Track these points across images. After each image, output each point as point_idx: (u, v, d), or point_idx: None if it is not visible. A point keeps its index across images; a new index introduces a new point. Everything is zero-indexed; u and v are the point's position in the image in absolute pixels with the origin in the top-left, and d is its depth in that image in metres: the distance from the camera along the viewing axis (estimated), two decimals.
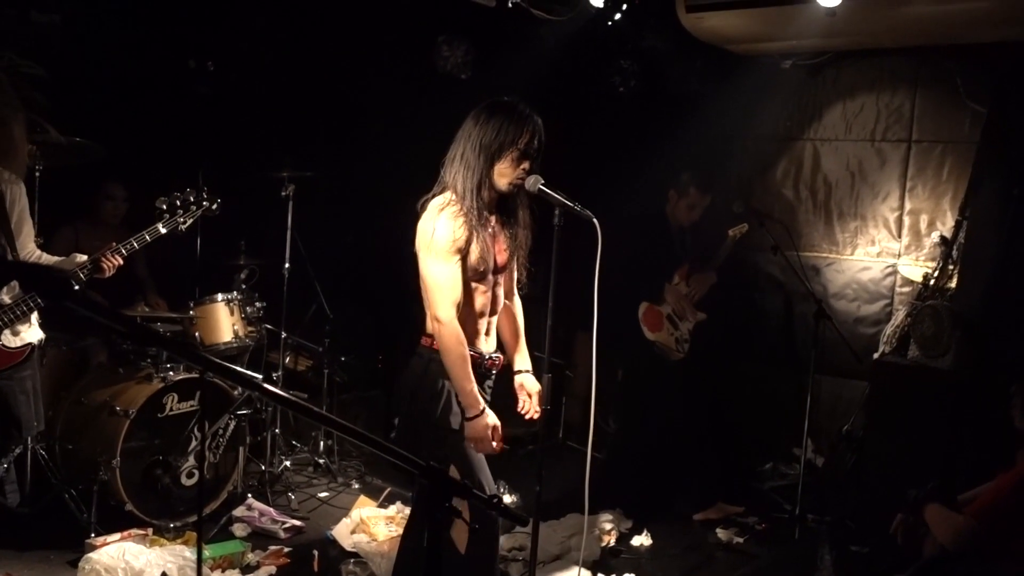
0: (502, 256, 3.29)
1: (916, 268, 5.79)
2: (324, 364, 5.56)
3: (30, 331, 3.81)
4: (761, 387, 6.20)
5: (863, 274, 6.07)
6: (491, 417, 3.16)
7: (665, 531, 4.90)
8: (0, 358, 3.76)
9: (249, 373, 4.83)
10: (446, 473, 1.78)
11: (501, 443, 3.19)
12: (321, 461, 5.44)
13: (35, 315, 3.81)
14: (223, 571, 4.05)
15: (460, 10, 5.38)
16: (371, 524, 4.51)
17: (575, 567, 4.20)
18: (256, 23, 5.41)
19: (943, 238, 5.61)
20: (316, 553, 4.32)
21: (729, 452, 5.59)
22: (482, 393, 3.31)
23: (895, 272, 5.96)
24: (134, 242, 3.94)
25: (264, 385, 1.83)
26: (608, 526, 4.78)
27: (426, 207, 3.19)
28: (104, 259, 3.85)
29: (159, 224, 4.02)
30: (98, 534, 4.10)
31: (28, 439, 4.18)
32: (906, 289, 5.87)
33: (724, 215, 5.47)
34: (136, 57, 5.24)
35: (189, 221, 4.13)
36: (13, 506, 4.32)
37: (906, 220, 5.92)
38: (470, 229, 3.13)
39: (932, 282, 5.50)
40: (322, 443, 5.52)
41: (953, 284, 5.44)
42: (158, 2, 5.24)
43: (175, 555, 3.95)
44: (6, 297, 3.69)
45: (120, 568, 3.75)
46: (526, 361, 3.52)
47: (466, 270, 3.17)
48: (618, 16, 5.53)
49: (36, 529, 4.17)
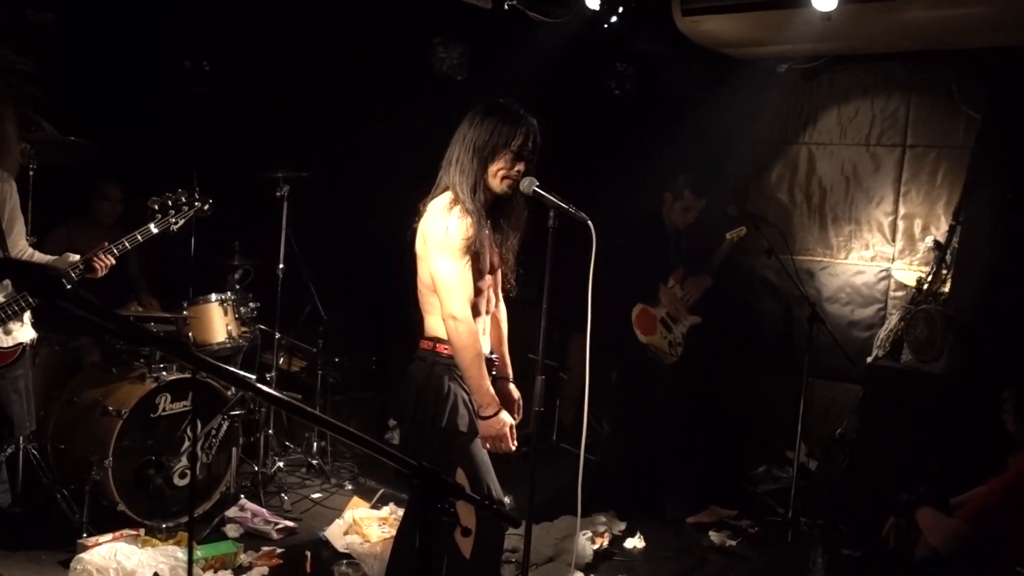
0: (495, 256, 3.28)
1: (910, 272, 5.80)
2: (318, 365, 5.55)
3: (22, 330, 3.80)
4: (755, 390, 6.21)
5: (857, 278, 6.08)
6: (507, 416, 3.16)
7: (658, 534, 4.90)
8: None
9: (242, 373, 4.85)
10: (438, 474, 1.78)
11: (515, 443, 3.19)
12: (314, 462, 5.43)
13: (27, 314, 3.80)
14: (215, 572, 4.04)
15: (456, 12, 5.37)
16: (364, 525, 4.50)
17: (568, 569, 4.20)
18: (252, 23, 5.40)
19: (937, 243, 5.63)
20: (309, 554, 4.31)
21: (722, 455, 5.60)
22: None
23: (889, 276, 5.97)
24: (126, 242, 3.92)
25: (257, 385, 1.82)
26: (601, 528, 4.78)
27: (428, 207, 3.19)
28: (96, 259, 3.84)
29: (151, 224, 4.00)
30: (90, 534, 4.09)
31: (20, 439, 4.17)
32: (900, 293, 5.88)
33: (719, 218, 5.48)
34: (131, 56, 5.24)
35: (181, 222, 4.10)
36: (4, 506, 4.30)
37: (900, 224, 5.94)
38: (476, 228, 3.13)
39: (926, 286, 5.51)
40: (315, 444, 5.51)
41: (946, 289, 5.45)
42: (154, 1, 5.24)
43: (167, 556, 3.93)
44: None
45: (112, 568, 3.73)
46: (507, 368, 3.49)
47: (473, 269, 3.17)
48: (614, 19, 5.53)
49: (27, 529, 4.16)
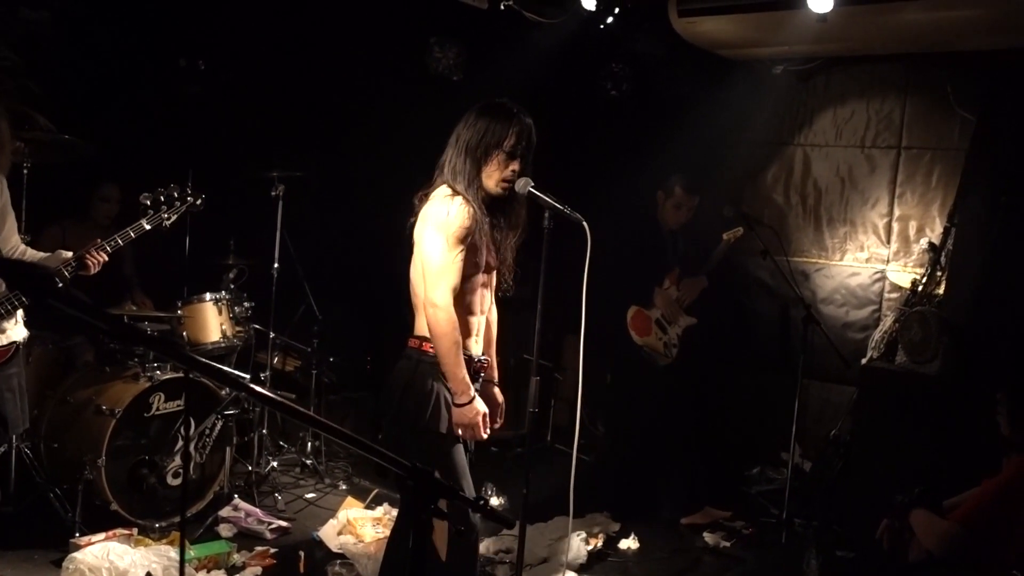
0: (491, 255, 3.28)
1: (904, 274, 5.81)
2: (312, 365, 5.54)
3: (15, 329, 3.78)
4: (749, 391, 6.21)
5: (852, 279, 6.09)
6: (480, 404, 3.15)
7: (652, 535, 4.89)
8: None
9: (235, 372, 4.84)
10: (432, 475, 1.77)
11: (487, 431, 3.18)
12: (308, 462, 5.42)
13: (20, 313, 3.78)
14: (208, 571, 4.03)
15: (452, 12, 5.37)
16: (358, 525, 4.49)
17: (562, 570, 4.19)
18: (248, 22, 5.39)
19: (931, 244, 5.64)
20: (302, 554, 4.30)
21: (717, 456, 5.59)
22: None
23: (884, 278, 5.97)
24: (118, 239, 3.90)
25: (249, 384, 1.81)
26: (595, 529, 4.78)
27: (428, 198, 3.17)
28: (89, 256, 3.82)
29: (143, 220, 3.97)
30: (83, 534, 4.08)
31: (13, 437, 4.15)
32: (894, 295, 5.89)
33: (715, 220, 5.48)
34: (126, 55, 5.22)
35: (174, 217, 4.07)
36: None
37: (895, 226, 5.94)
38: (476, 221, 3.13)
39: (920, 288, 5.52)
40: (309, 444, 5.50)
41: (941, 290, 5.46)
42: (149, 0, 5.22)
43: (160, 555, 3.92)
44: None
45: (104, 568, 3.72)
46: (493, 371, 3.47)
47: (465, 264, 3.16)
48: (610, 19, 5.54)
49: (20, 528, 4.14)
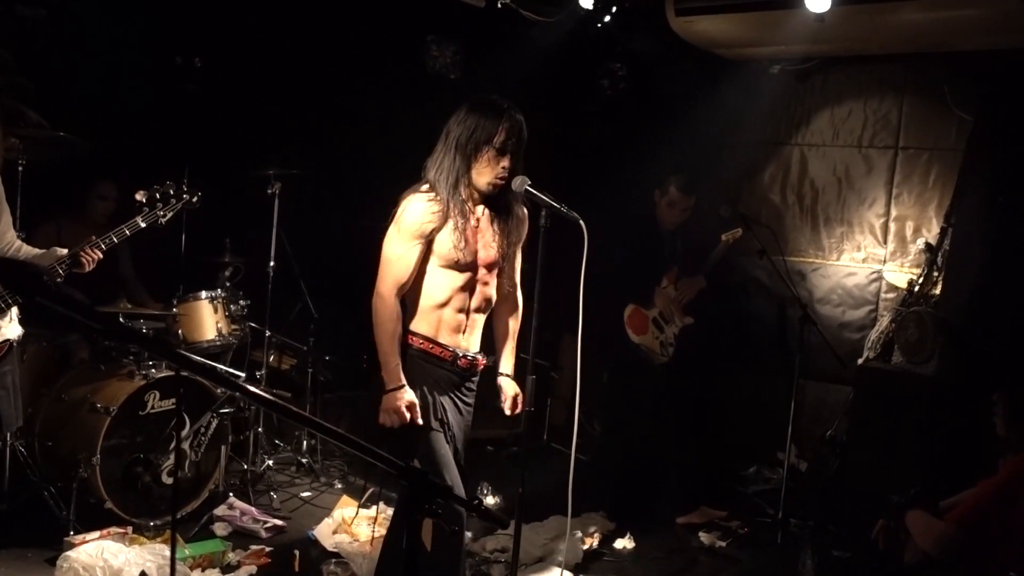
0: (488, 251, 3.27)
1: (901, 274, 5.81)
2: (308, 363, 5.54)
3: (10, 327, 3.76)
4: (745, 391, 6.21)
5: (848, 279, 6.09)
6: (408, 395, 3.16)
7: (648, 534, 4.89)
8: None
9: (228, 370, 4.83)
10: (426, 474, 1.77)
11: (408, 422, 3.16)
12: (304, 460, 5.41)
13: (15, 311, 3.76)
14: (203, 570, 4.02)
15: (449, 10, 5.36)
16: (353, 524, 4.48)
17: (557, 570, 4.19)
18: (244, 20, 5.38)
19: (928, 245, 5.64)
20: (297, 553, 4.29)
21: (713, 456, 5.59)
22: (460, 396, 3.31)
23: (880, 278, 5.98)
24: (113, 236, 3.87)
25: (240, 383, 1.80)
26: (591, 529, 4.77)
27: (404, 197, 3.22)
28: (84, 253, 3.80)
29: (138, 218, 3.95)
30: (77, 532, 4.06)
31: (7, 435, 4.13)
32: (891, 295, 5.89)
33: (714, 220, 5.48)
34: (123, 52, 5.21)
35: (170, 215, 4.05)
36: None
37: (892, 226, 5.95)
38: (443, 218, 3.14)
39: (917, 288, 5.52)
40: (305, 443, 5.49)
41: (938, 291, 5.46)
42: None
43: (154, 554, 3.91)
44: None
45: (98, 567, 3.71)
46: (508, 364, 3.48)
47: (435, 257, 3.18)
48: (608, 18, 5.53)
49: (14, 527, 4.12)
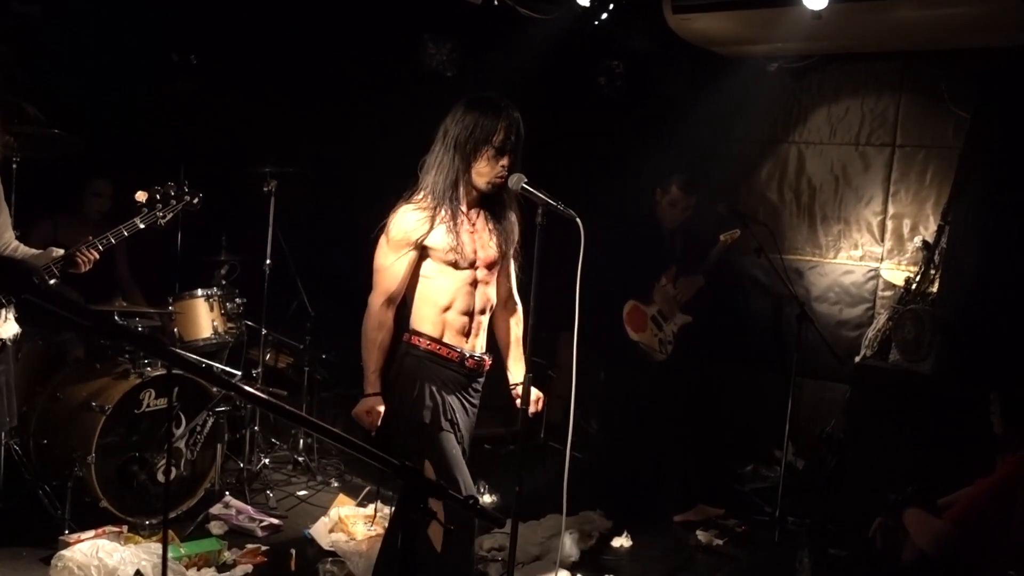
0: (487, 250, 3.26)
1: (898, 272, 5.81)
2: (305, 361, 5.53)
3: (5, 326, 3.74)
4: (742, 389, 6.21)
5: (846, 278, 6.09)
6: (377, 403, 3.23)
7: (645, 532, 4.88)
8: None
9: (222, 368, 4.82)
10: (422, 473, 1.76)
11: (374, 427, 3.25)
12: (300, 459, 5.40)
13: (10, 310, 3.74)
14: (199, 569, 4.01)
15: (446, 7, 5.35)
16: (349, 523, 4.48)
17: (554, 568, 4.18)
18: (240, 18, 5.36)
19: (925, 243, 5.63)
20: (293, 552, 4.28)
21: (710, 454, 5.59)
22: (467, 397, 3.31)
23: (877, 276, 5.97)
24: (110, 237, 3.83)
25: (232, 381, 1.79)
26: (588, 527, 4.77)
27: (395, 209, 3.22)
28: (79, 254, 3.76)
29: (137, 219, 3.90)
30: (72, 531, 4.05)
31: (2, 434, 4.12)
32: (888, 293, 5.88)
33: (713, 219, 5.48)
34: (118, 50, 5.19)
35: (169, 216, 4.00)
36: None
37: (889, 224, 5.94)
38: (432, 223, 3.14)
39: (914, 286, 5.52)
40: (301, 441, 5.48)
41: (935, 289, 5.46)
42: None
43: (150, 553, 3.89)
44: None
45: (93, 565, 3.70)
46: (520, 371, 3.46)
47: (433, 261, 3.18)
48: (604, 16, 5.51)
49: (9, 525, 4.10)
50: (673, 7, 5.37)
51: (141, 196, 3.93)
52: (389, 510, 4.47)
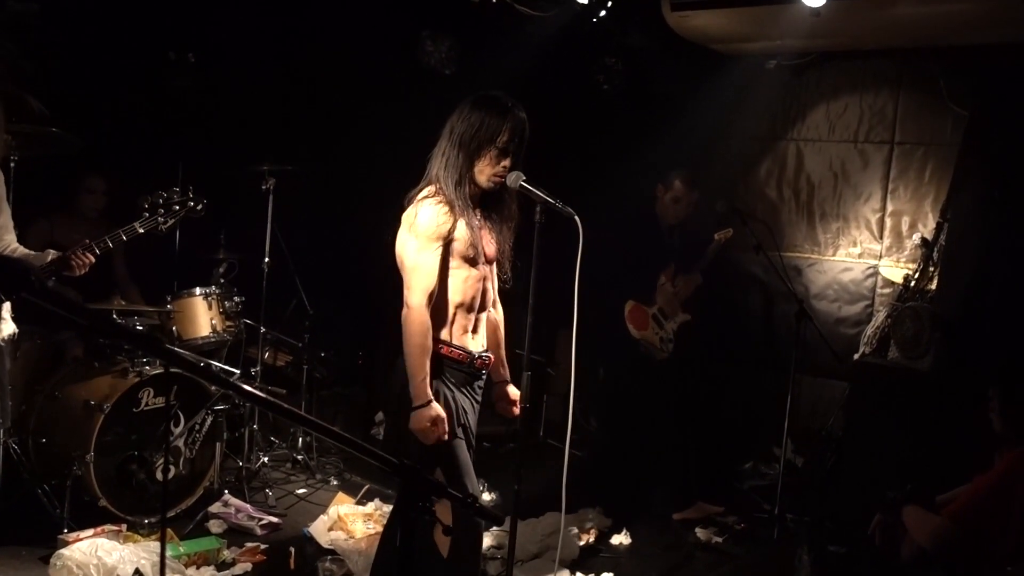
0: (490, 247, 3.27)
1: (897, 270, 5.81)
2: (304, 360, 5.52)
3: (1, 326, 3.73)
4: (742, 387, 6.21)
5: (844, 275, 6.09)
6: (435, 409, 3.08)
7: (645, 530, 4.88)
8: None
9: (221, 367, 4.81)
10: (420, 472, 1.76)
11: (446, 434, 3.11)
12: (299, 457, 5.40)
13: (7, 308, 3.73)
14: (198, 568, 4.01)
15: (444, 5, 5.35)
16: (349, 521, 4.47)
17: (553, 566, 4.18)
18: (238, 15, 5.35)
19: (924, 240, 5.64)
20: (293, 550, 4.28)
21: (709, 452, 5.59)
22: (470, 393, 3.29)
23: (876, 273, 5.97)
24: (108, 240, 3.79)
25: (230, 380, 1.79)
26: (588, 525, 4.77)
27: (412, 200, 3.18)
28: (74, 257, 3.72)
29: (137, 224, 3.86)
30: (71, 530, 4.04)
31: None
32: (887, 290, 5.89)
33: (711, 217, 5.48)
34: (115, 48, 5.18)
35: (171, 221, 3.95)
36: None
37: (888, 221, 5.94)
38: (455, 217, 3.12)
39: (913, 284, 5.52)
40: (300, 439, 5.48)
41: (933, 286, 5.46)
42: None
43: (149, 552, 3.89)
44: None
45: (92, 564, 3.69)
46: (506, 370, 3.47)
47: (453, 256, 3.15)
48: (603, 13, 5.52)
49: (7, 524, 4.09)
50: (671, 4, 5.37)
51: (144, 201, 3.87)
52: (388, 508, 4.47)
